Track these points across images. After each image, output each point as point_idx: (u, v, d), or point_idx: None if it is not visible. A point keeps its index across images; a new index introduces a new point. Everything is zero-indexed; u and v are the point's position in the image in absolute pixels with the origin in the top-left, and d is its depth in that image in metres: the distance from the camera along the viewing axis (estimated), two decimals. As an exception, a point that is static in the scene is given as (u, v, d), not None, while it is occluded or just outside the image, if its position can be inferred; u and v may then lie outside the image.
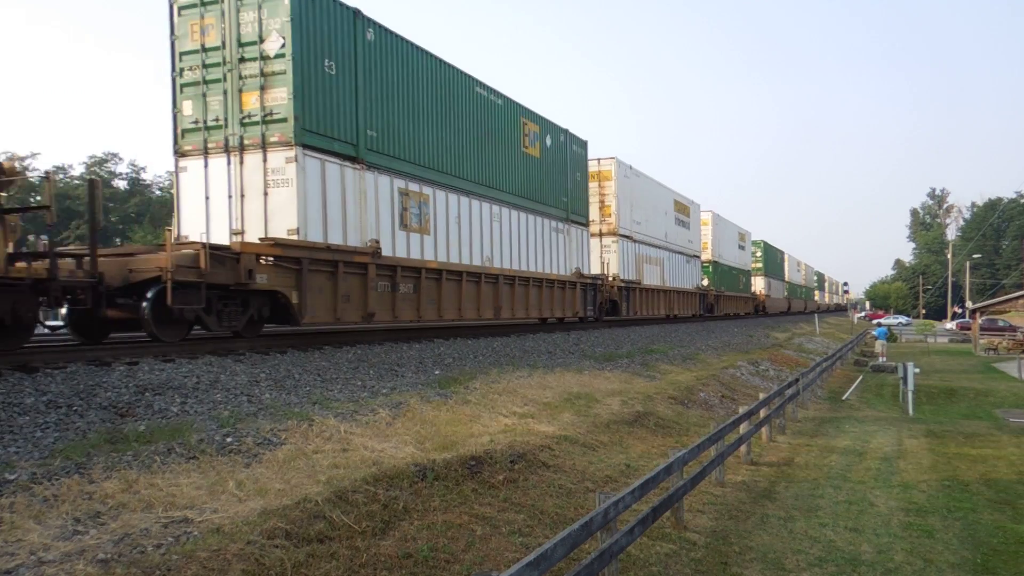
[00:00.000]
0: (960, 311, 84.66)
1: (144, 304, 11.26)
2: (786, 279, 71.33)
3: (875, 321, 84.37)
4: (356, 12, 14.78)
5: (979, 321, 48.80)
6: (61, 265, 10.14)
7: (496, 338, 19.02)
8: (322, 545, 5.88)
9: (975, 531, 8.96)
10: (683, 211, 38.84)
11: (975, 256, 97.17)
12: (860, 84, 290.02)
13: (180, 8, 14.00)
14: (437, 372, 13.60)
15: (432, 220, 17.16)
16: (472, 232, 18.81)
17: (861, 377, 30.09)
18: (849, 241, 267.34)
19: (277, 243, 12.97)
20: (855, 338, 46.89)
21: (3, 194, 9.74)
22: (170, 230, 12.63)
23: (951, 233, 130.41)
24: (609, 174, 29.06)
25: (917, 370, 22.90)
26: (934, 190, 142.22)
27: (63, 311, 11.89)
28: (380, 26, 15.52)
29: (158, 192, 65.01)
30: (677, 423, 13.74)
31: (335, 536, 6.08)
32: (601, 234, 28.66)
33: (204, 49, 13.83)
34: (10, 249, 9.56)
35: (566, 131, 24.94)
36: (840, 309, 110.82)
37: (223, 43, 13.65)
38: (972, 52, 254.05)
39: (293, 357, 12.33)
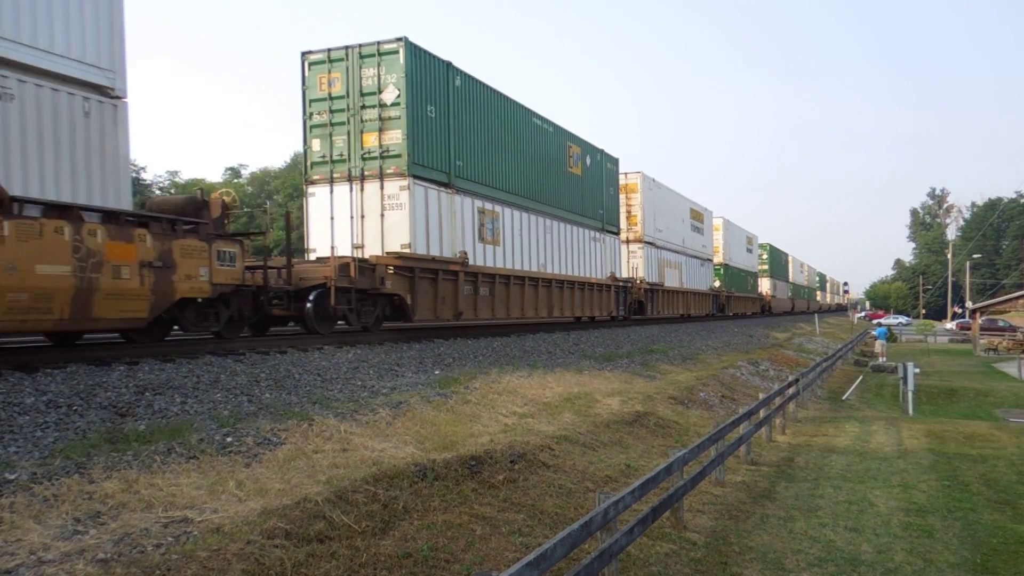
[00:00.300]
0: (960, 311, 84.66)
1: (308, 305, 14.33)
2: (790, 280, 74.41)
3: (875, 321, 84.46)
4: (448, 64, 17.93)
5: (979, 321, 48.80)
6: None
7: (496, 338, 19.02)
8: (322, 545, 5.88)
9: (975, 531, 8.96)
10: (698, 218, 41.72)
11: (975, 256, 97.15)
12: (860, 85, 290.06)
13: (311, 64, 17.08)
14: (437, 372, 13.61)
15: (501, 233, 20.45)
16: (530, 243, 22.04)
17: (861, 377, 30.09)
18: (849, 241, 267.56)
19: (399, 256, 16.14)
20: (855, 338, 46.90)
21: (230, 223, 12.92)
22: (312, 248, 16.42)
23: (951, 233, 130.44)
24: (635, 187, 32.08)
25: (917, 370, 22.91)
26: (934, 190, 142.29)
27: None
28: (465, 74, 18.68)
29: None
30: (677, 423, 13.74)
31: (335, 536, 6.08)
32: (628, 241, 31.46)
33: (331, 98, 16.94)
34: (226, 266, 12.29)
35: (602, 151, 28.06)
36: (841, 309, 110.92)
37: (347, 93, 16.78)
38: (972, 52, 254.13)
39: (293, 357, 12.33)
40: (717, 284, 45.72)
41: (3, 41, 9.10)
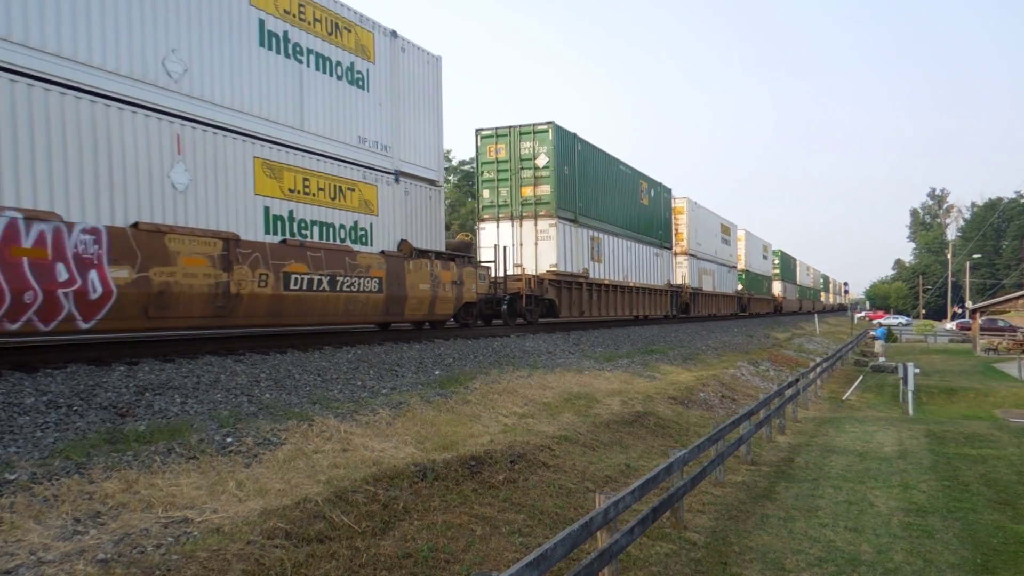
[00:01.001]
0: (960, 311, 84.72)
1: (503, 307, 21.48)
2: (798, 282, 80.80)
3: (875, 321, 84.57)
4: (575, 135, 24.86)
5: (979, 321, 48.81)
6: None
7: (496, 338, 19.02)
8: (322, 545, 5.88)
9: (975, 531, 8.96)
10: (726, 231, 48.71)
11: (975, 256, 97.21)
12: (859, 84, 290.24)
13: (483, 137, 23.77)
14: (437, 372, 13.61)
15: (604, 254, 27.33)
16: (619, 259, 28.94)
17: (861, 377, 30.10)
18: (849, 241, 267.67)
19: (553, 272, 23.12)
20: (855, 338, 46.92)
21: (470, 255, 19.32)
22: (510, 265, 22.48)
23: (951, 233, 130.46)
24: (682, 209, 38.92)
25: (917, 370, 22.92)
26: (934, 190, 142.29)
27: None
28: (584, 140, 25.53)
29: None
30: (677, 423, 13.74)
31: (335, 536, 6.08)
32: (676, 253, 37.78)
33: (497, 161, 23.63)
34: (482, 282, 18.91)
35: (660, 183, 34.61)
36: (841, 309, 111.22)
37: (509, 158, 23.53)
38: (972, 52, 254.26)
39: (293, 357, 12.33)
40: (740, 288, 52.32)
41: (408, 163, 16.44)
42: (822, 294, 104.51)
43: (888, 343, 43.17)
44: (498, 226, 23.34)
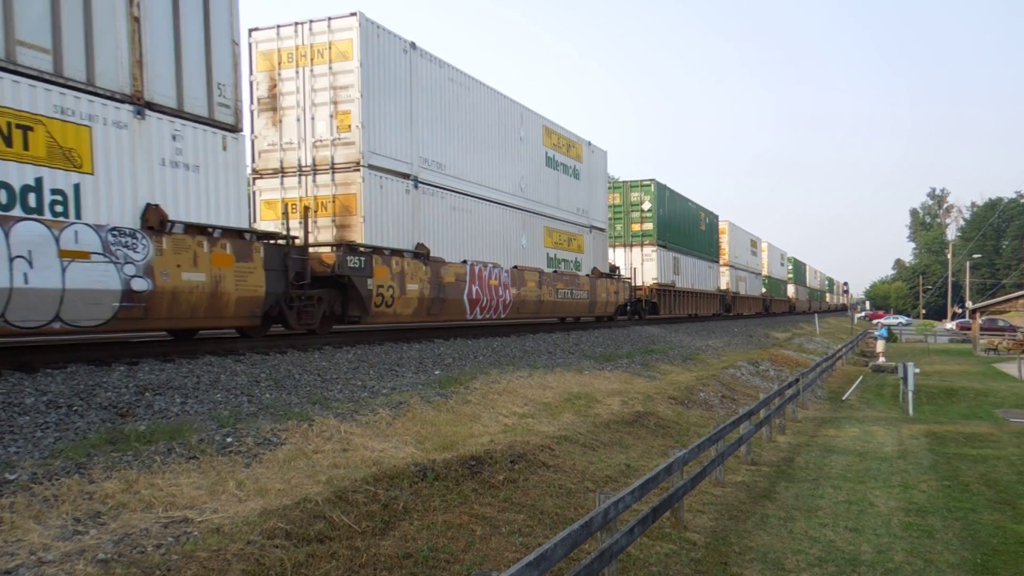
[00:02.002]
0: (960, 311, 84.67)
1: (628, 307, 31.55)
2: (807, 285, 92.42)
3: (875, 321, 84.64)
4: (665, 186, 35.36)
5: (979, 321, 48.79)
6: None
7: (496, 338, 19.03)
8: (322, 545, 5.88)
9: (975, 531, 8.96)
10: (754, 244, 60.37)
11: (975, 256, 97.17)
12: (859, 84, 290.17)
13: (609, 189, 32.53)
14: (437, 372, 13.60)
15: (680, 269, 37.30)
16: (689, 272, 38.82)
17: (861, 377, 30.09)
18: (849, 241, 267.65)
19: (658, 284, 33.59)
20: (855, 338, 46.91)
21: (619, 274, 30.59)
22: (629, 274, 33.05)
23: (951, 233, 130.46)
24: (724, 229, 49.68)
25: (917, 370, 22.89)
26: (934, 190, 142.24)
27: None
28: (671, 189, 36.51)
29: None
30: (677, 423, 13.74)
31: (335, 536, 6.08)
32: (720, 265, 48.25)
33: (613, 206, 33.33)
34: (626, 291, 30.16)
35: (712, 212, 45.47)
36: (842, 308, 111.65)
37: (622, 204, 34.16)
38: (972, 52, 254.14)
39: (293, 357, 12.33)
40: (764, 291, 63.04)
41: (596, 220, 28.05)
42: (827, 295, 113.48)
43: (888, 343, 43.12)
44: (613, 251, 32.69)
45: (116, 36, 10.13)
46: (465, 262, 18.59)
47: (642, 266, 33.38)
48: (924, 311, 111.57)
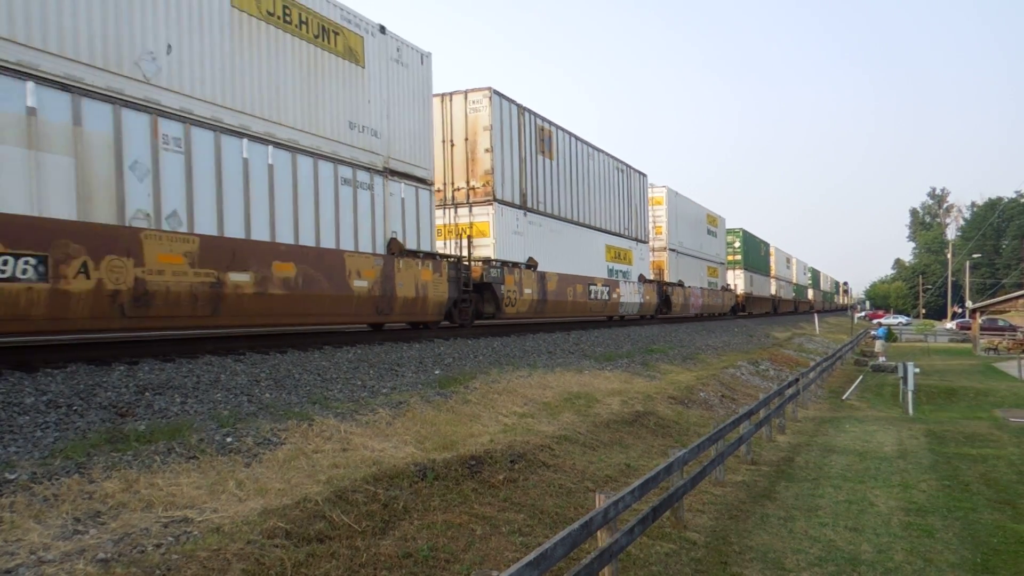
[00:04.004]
0: (960, 311, 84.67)
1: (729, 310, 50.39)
2: (821, 288, 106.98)
3: (875, 321, 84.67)
4: (747, 231, 58.08)
5: (979, 321, 48.79)
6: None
7: (496, 338, 19.03)
8: (322, 545, 5.88)
9: (975, 531, 8.96)
10: (788, 261, 77.49)
11: (975, 256, 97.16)
12: (859, 84, 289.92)
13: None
14: (437, 372, 13.60)
15: (755, 282, 57.38)
16: (758, 283, 55.44)
17: (861, 377, 30.08)
18: (849, 241, 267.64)
19: (746, 292, 56.46)
20: (855, 338, 46.90)
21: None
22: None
23: (951, 233, 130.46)
24: (772, 252, 66.54)
25: (917, 370, 22.88)
26: (934, 190, 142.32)
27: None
28: (748, 231, 57.83)
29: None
30: (677, 423, 13.74)
31: (335, 536, 6.08)
32: (769, 277, 64.39)
33: (730, 245, 54.27)
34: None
35: (766, 242, 63.47)
36: (842, 308, 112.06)
37: (729, 244, 53.98)
38: (973, 52, 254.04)
39: (293, 357, 12.33)
40: (794, 295, 78.87)
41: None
42: (835, 296, 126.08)
43: (888, 343, 43.13)
44: (732, 272, 49.16)
45: (632, 226, 31.66)
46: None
47: (735, 281, 54.22)
48: (924, 311, 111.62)
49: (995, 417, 20.49)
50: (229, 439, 7.83)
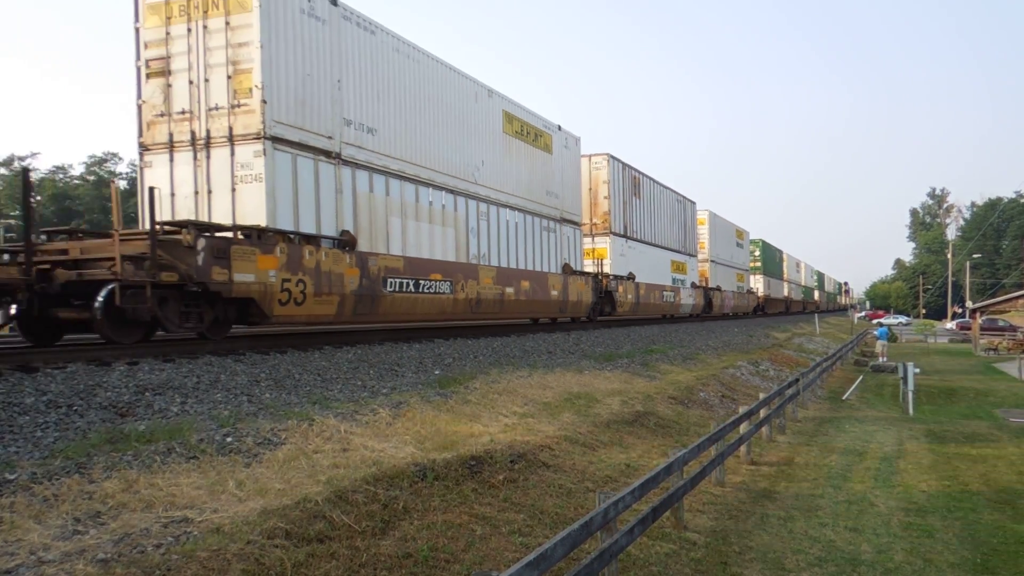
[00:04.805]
0: (960, 311, 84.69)
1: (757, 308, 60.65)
2: (826, 290, 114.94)
3: (875, 321, 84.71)
4: (766, 242, 67.02)
5: (979, 321, 48.79)
6: None
7: (496, 338, 19.03)
8: (322, 545, 5.88)
9: (975, 531, 8.96)
10: (798, 266, 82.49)
11: (975, 256, 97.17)
12: (858, 84, 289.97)
13: None
14: (437, 372, 13.60)
15: (771, 285, 64.92)
16: (774, 286, 62.06)
17: (861, 377, 30.08)
18: (849, 241, 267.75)
19: (764, 294, 64.16)
20: (855, 338, 46.90)
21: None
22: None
23: (951, 233, 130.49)
24: (785, 259, 71.78)
25: (917, 370, 22.89)
26: (934, 190, 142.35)
27: None
28: (766, 241, 66.31)
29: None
30: (677, 423, 13.74)
31: (335, 536, 6.07)
32: (783, 280, 68.02)
33: (752, 253, 62.72)
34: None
35: (780, 250, 68.09)
36: (842, 308, 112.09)
37: (752, 254, 64.24)
38: (973, 51, 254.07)
39: (293, 357, 12.33)
40: (803, 296, 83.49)
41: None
42: (837, 297, 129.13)
43: (889, 343, 43.14)
44: (753, 277, 52.37)
45: (686, 242, 40.85)
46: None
47: (756, 284, 59.23)
48: (924, 311, 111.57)
49: (995, 417, 20.50)
50: (229, 439, 7.83)
